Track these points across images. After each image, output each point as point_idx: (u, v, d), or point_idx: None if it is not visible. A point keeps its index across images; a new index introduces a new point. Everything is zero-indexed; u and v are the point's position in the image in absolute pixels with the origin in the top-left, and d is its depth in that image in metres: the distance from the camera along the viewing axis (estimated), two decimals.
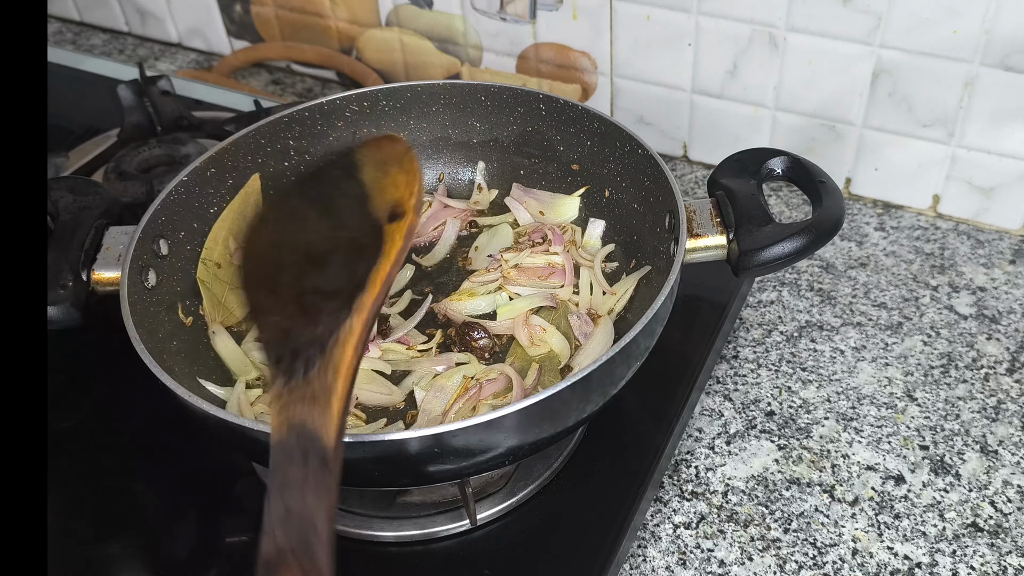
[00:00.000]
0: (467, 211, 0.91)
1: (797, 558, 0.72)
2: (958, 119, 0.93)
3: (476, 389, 0.72)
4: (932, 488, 0.76)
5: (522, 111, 0.90)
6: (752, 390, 0.84)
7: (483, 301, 0.82)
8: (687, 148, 1.10)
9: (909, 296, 0.92)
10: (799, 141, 1.02)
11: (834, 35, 0.93)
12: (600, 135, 0.85)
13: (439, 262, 0.88)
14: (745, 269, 0.73)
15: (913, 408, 0.82)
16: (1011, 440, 0.79)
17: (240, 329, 0.82)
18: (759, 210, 0.74)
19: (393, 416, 0.74)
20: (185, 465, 0.77)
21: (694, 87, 1.04)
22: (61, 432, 0.80)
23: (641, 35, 1.02)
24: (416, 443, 0.59)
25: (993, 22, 0.86)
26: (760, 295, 0.93)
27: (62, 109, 1.17)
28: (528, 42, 1.10)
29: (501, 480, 0.73)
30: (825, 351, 0.87)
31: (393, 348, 0.78)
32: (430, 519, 0.71)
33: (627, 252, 0.85)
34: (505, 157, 0.93)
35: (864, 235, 1.00)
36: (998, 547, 0.72)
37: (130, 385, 0.82)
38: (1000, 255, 0.96)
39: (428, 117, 0.92)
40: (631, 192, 0.84)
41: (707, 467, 0.78)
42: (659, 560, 0.72)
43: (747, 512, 0.75)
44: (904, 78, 0.93)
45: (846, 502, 0.75)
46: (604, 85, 1.09)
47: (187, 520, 0.74)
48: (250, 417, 0.70)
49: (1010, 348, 0.86)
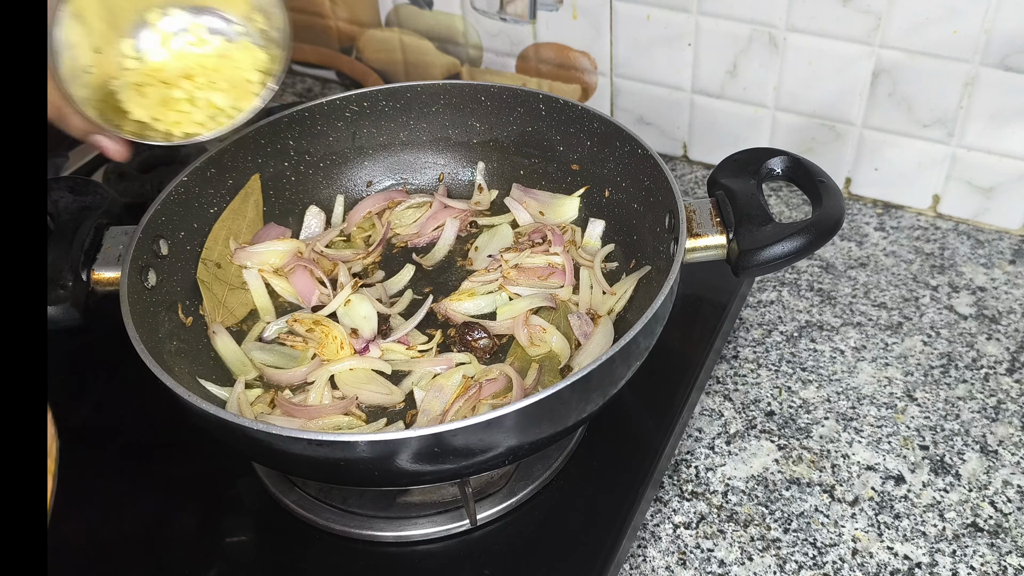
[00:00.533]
0: (467, 211, 0.91)
1: (797, 558, 0.72)
2: (958, 119, 0.93)
3: (476, 389, 0.72)
4: (932, 488, 0.76)
5: (522, 111, 0.90)
6: (752, 390, 0.84)
7: (483, 301, 0.82)
8: (687, 148, 1.10)
9: (909, 296, 0.92)
10: (799, 141, 1.02)
11: (834, 35, 0.93)
12: (600, 135, 0.86)
13: (439, 262, 0.88)
14: (745, 269, 0.73)
15: (913, 408, 0.82)
16: (1011, 440, 0.79)
17: (240, 329, 0.82)
18: (759, 210, 0.74)
19: (393, 416, 0.74)
20: (185, 465, 0.77)
21: (694, 87, 1.04)
22: (61, 432, 0.80)
23: (641, 35, 1.02)
24: (416, 443, 0.59)
25: (993, 22, 0.86)
26: (760, 295, 0.93)
27: None
28: (528, 42, 1.10)
29: (501, 480, 0.73)
30: (825, 351, 0.87)
31: (393, 348, 0.79)
32: (430, 519, 0.71)
33: (627, 252, 0.85)
34: (505, 157, 0.93)
35: (864, 235, 1.00)
36: (998, 547, 0.72)
37: (130, 385, 0.83)
38: (1000, 255, 0.96)
39: (428, 117, 0.92)
40: (631, 192, 0.84)
41: (707, 467, 0.78)
42: (659, 560, 0.72)
43: (747, 512, 0.75)
44: (904, 78, 0.93)
45: (846, 502, 0.75)
46: (604, 85, 1.09)
47: (187, 520, 0.74)
48: (250, 417, 0.70)
49: (1010, 348, 0.86)
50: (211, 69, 0.74)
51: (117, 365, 0.84)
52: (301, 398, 0.75)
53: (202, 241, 0.83)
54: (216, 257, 0.84)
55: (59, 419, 0.81)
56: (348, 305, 0.80)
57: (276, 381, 0.77)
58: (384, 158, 0.94)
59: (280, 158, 0.89)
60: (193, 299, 0.81)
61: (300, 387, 0.77)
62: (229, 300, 0.83)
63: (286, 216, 0.91)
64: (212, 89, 0.74)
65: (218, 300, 0.82)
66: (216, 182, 0.85)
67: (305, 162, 0.91)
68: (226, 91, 0.74)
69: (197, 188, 0.83)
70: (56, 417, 0.80)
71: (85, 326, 0.75)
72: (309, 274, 0.84)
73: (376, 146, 0.93)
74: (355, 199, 0.94)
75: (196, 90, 0.73)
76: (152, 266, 0.77)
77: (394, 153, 0.94)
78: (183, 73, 0.74)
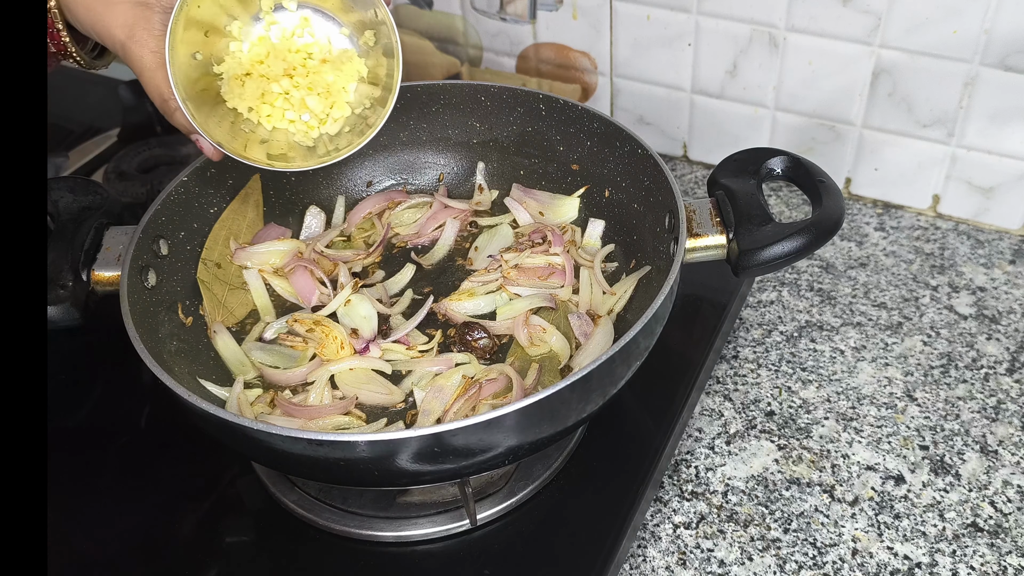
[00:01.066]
0: (467, 211, 0.91)
1: (797, 558, 0.72)
2: (958, 119, 0.93)
3: (476, 389, 0.72)
4: (932, 488, 0.76)
5: (522, 111, 0.90)
6: (752, 390, 0.84)
7: (483, 301, 0.82)
8: (687, 148, 1.10)
9: (909, 296, 0.92)
10: (799, 141, 1.02)
11: (834, 35, 0.93)
12: (600, 135, 0.86)
13: (439, 262, 0.88)
14: (745, 269, 0.73)
15: (913, 408, 0.82)
16: (1011, 440, 0.79)
17: (240, 329, 0.82)
18: (759, 210, 0.74)
19: (393, 416, 0.74)
20: (185, 465, 0.77)
21: (694, 87, 1.04)
22: (61, 432, 0.80)
23: (641, 35, 1.02)
24: (416, 443, 0.59)
25: (993, 22, 0.86)
26: (760, 295, 0.93)
27: (62, 109, 1.17)
28: (528, 42, 1.10)
29: (501, 480, 0.73)
30: (825, 351, 0.87)
31: (393, 348, 0.79)
32: (430, 519, 0.71)
33: (627, 252, 0.85)
34: (505, 157, 0.93)
35: (864, 235, 1.00)
36: (998, 547, 0.72)
37: (130, 385, 0.83)
38: (1000, 255, 0.96)
39: (428, 117, 0.92)
40: (631, 192, 0.84)
41: (707, 467, 0.78)
42: (659, 560, 0.72)
43: (747, 512, 0.75)
44: (904, 78, 0.93)
45: (846, 502, 0.75)
46: (604, 85, 1.09)
47: (187, 520, 0.74)
48: (250, 417, 0.70)
49: (1010, 348, 0.86)
50: (312, 71, 0.74)
51: (117, 365, 0.84)
52: (301, 398, 0.75)
53: (202, 241, 0.83)
54: (216, 257, 0.84)
55: (60, 419, 0.81)
56: (348, 305, 0.80)
57: (276, 381, 0.77)
58: (384, 158, 0.94)
59: None
60: (193, 299, 0.81)
61: (300, 387, 0.77)
62: (229, 300, 0.83)
63: (286, 216, 0.91)
64: (309, 92, 0.74)
65: (218, 300, 0.82)
66: (216, 182, 0.85)
67: None
68: (321, 96, 0.74)
69: (197, 188, 0.83)
70: (57, 417, 0.80)
71: (85, 326, 0.75)
72: (309, 274, 0.84)
73: (376, 146, 0.93)
74: (355, 199, 0.94)
75: (294, 88, 0.73)
76: (152, 266, 0.77)
77: (394, 153, 0.94)
78: (285, 69, 0.74)
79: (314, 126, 0.75)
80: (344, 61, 0.75)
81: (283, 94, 0.73)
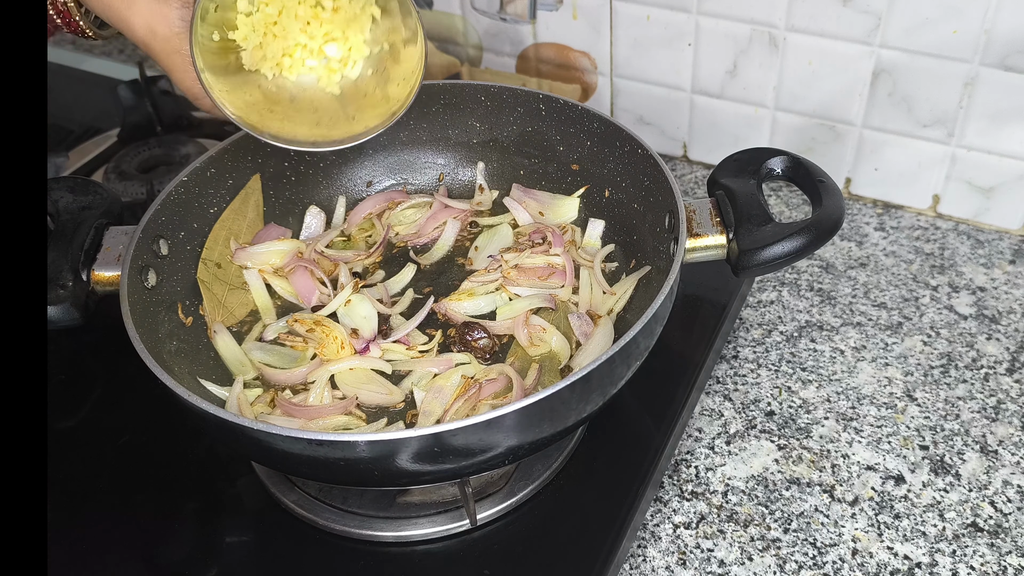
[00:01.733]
0: (467, 211, 0.91)
1: (797, 558, 0.72)
2: (958, 119, 0.93)
3: (476, 389, 0.72)
4: (932, 488, 0.76)
5: (522, 111, 0.90)
6: (752, 390, 0.84)
7: (483, 301, 0.82)
8: (687, 148, 1.10)
9: (909, 296, 0.92)
10: (799, 141, 1.02)
11: (834, 35, 0.93)
12: (600, 135, 0.86)
13: (439, 262, 0.88)
14: (745, 269, 0.73)
15: (913, 408, 0.82)
16: (1011, 440, 0.79)
17: (240, 329, 0.82)
18: (759, 210, 0.74)
19: (393, 416, 0.74)
20: (185, 465, 0.77)
21: (694, 87, 1.04)
22: (61, 432, 0.80)
23: (641, 35, 1.02)
24: (416, 443, 0.59)
25: (993, 22, 0.86)
26: (760, 295, 0.93)
27: (62, 109, 1.17)
28: (528, 42, 1.10)
29: (501, 480, 0.73)
30: (825, 351, 0.87)
31: (393, 348, 0.79)
32: (430, 519, 0.71)
33: (627, 252, 0.85)
34: (505, 157, 0.93)
35: (864, 235, 1.00)
36: (998, 547, 0.72)
37: (130, 385, 0.83)
38: (1000, 255, 0.96)
39: (428, 117, 0.92)
40: (631, 192, 0.84)
41: (707, 467, 0.78)
42: (659, 560, 0.72)
43: (747, 512, 0.75)
44: (904, 78, 0.93)
45: (846, 502, 0.75)
46: (604, 85, 1.09)
47: (187, 520, 0.74)
48: (249, 417, 0.70)
49: (1010, 348, 0.86)
50: (326, 21, 0.74)
51: (117, 365, 0.84)
52: (301, 398, 0.75)
53: (202, 241, 0.83)
54: (216, 257, 0.84)
55: (60, 419, 0.81)
56: (348, 305, 0.80)
57: (276, 381, 0.77)
58: (384, 158, 0.94)
59: (280, 158, 0.89)
60: (193, 299, 0.81)
61: (300, 387, 0.77)
62: (229, 300, 0.83)
63: (286, 216, 0.91)
64: (326, 40, 0.74)
65: (218, 300, 0.82)
66: (216, 182, 0.85)
67: (305, 162, 0.91)
68: (339, 43, 0.74)
69: (197, 188, 0.83)
70: (57, 417, 0.80)
71: (85, 326, 0.75)
72: (309, 274, 0.84)
73: (376, 146, 0.93)
74: (355, 199, 0.94)
75: (311, 40, 0.74)
76: (152, 266, 0.77)
77: (394, 153, 0.94)
78: (300, 27, 0.73)
79: (336, 69, 0.75)
80: (357, 6, 0.75)
81: (302, 46, 0.73)
